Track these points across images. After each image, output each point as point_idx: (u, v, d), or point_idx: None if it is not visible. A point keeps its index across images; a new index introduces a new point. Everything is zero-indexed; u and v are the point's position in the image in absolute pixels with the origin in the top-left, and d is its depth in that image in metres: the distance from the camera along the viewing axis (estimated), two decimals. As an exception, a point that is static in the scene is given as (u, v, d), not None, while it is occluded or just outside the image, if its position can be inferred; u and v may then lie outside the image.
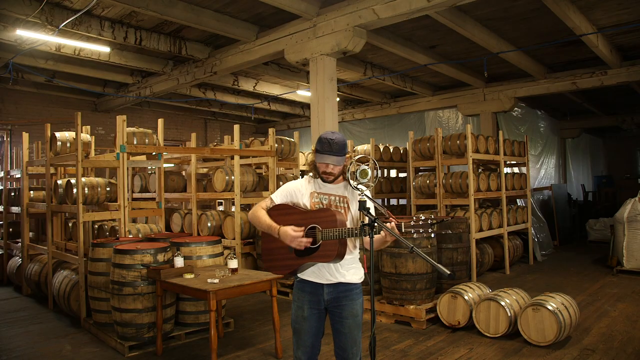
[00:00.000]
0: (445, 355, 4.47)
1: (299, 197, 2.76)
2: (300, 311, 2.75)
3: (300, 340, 2.74)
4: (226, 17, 6.94)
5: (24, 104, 11.06)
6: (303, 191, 2.77)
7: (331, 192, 2.76)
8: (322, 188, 2.76)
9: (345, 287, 2.71)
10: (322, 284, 2.71)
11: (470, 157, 7.40)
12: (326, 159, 2.64)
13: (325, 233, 2.58)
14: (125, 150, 5.73)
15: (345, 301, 2.71)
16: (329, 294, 2.71)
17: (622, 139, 18.26)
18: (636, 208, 7.83)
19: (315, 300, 2.73)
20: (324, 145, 2.64)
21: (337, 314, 2.72)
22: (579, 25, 6.60)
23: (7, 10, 6.01)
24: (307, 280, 2.74)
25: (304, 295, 2.75)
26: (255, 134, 16.22)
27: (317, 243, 2.62)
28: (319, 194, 2.75)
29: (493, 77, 10.06)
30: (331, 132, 2.71)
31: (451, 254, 6.17)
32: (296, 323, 2.77)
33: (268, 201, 2.81)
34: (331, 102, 6.51)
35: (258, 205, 2.81)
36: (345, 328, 2.70)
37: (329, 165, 2.67)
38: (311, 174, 2.82)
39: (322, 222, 2.62)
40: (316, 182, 2.78)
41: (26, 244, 7.09)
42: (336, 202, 2.74)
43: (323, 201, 2.74)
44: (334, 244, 2.59)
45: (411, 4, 5.49)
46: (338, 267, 2.70)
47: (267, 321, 5.60)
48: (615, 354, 4.40)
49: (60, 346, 4.90)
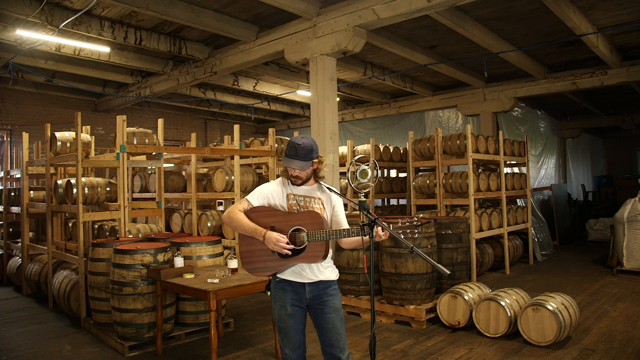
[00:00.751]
0: (445, 355, 4.47)
1: (275, 199, 2.82)
2: (283, 310, 2.79)
3: (287, 337, 2.79)
4: (226, 17, 6.94)
5: (24, 104, 11.06)
6: (279, 193, 2.83)
7: (306, 193, 2.84)
8: (296, 190, 2.84)
9: (325, 285, 2.81)
10: (303, 283, 2.78)
11: (470, 157, 7.40)
12: (291, 163, 2.74)
13: (312, 235, 2.66)
14: (125, 150, 5.73)
15: (326, 297, 2.79)
16: (310, 292, 2.79)
17: (622, 139, 18.27)
18: (636, 208, 7.83)
19: (297, 298, 2.79)
20: (291, 150, 2.75)
21: (320, 310, 2.79)
22: (579, 25, 6.60)
23: (7, 10, 6.01)
24: (288, 279, 2.79)
25: (286, 294, 2.79)
26: (255, 134, 16.22)
27: (304, 244, 2.68)
28: (295, 196, 2.82)
29: (493, 77, 10.06)
30: (301, 137, 2.80)
31: (451, 254, 6.17)
32: (281, 322, 2.81)
33: (245, 203, 2.81)
34: (331, 102, 6.51)
35: (234, 207, 2.80)
36: (329, 323, 2.76)
37: (295, 170, 2.77)
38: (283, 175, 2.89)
39: (307, 223, 2.70)
40: (290, 184, 2.85)
41: (26, 244, 7.09)
42: (311, 203, 2.82)
43: (300, 203, 2.81)
44: (322, 245, 2.69)
45: (411, 4, 5.49)
46: (318, 266, 2.78)
47: (267, 321, 5.60)
48: (615, 354, 4.40)
49: (60, 346, 4.90)
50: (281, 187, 2.85)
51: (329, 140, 6.41)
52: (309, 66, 6.64)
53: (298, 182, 2.81)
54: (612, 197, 15.49)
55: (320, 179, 2.90)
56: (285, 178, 2.87)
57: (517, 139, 9.95)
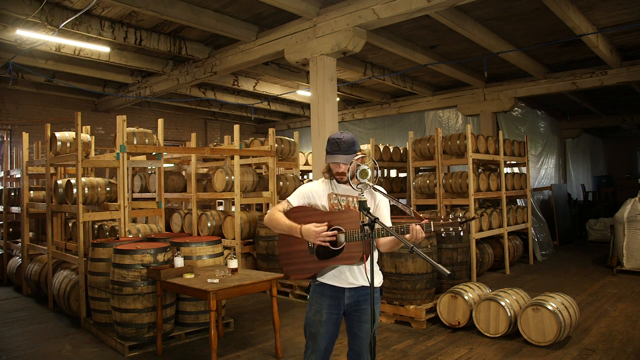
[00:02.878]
0: (445, 355, 4.47)
1: (316, 199, 2.73)
2: (317, 315, 2.68)
3: (315, 344, 2.67)
4: (226, 17, 6.94)
5: (24, 104, 11.05)
6: (320, 192, 2.74)
7: (348, 192, 2.73)
8: (338, 189, 2.74)
9: (365, 291, 2.68)
10: (343, 287, 2.67)
11: (470, 157, 7.40)
12: (336, 158, 2.63)
13: (349, 234, 2.54)
14: (125, 150, 5.73)
15: (365, 305, 2.67)
16: (349, 298, 2.68)
17: (622, 139, 18.26)
18: (636, 208, 7.82)
19: (335, 305, 2.68)
20: (333, 146, 2.65)
21: (356, 318, 2.68)
22: (579, 25, 6.60)
23: (7, 10, 6.01)
24: (328, 284, 2.68)
25: (324, 300, 2.68)
26: (255, 134, 16.22)
27: (341, 245, 2.57)
28: (337, 195, 2.73)
29: (493, 77, 10.06)
30: (340, 133, 2.71)
31: (451, 254, 6.17)
32: (312, 327, 2.69)
33: (285, 204, 2.74)
34: (331, 102, 6.51)
35: (274, 209, 2.74)
36: (363, 332, 2.65)
37: (340, 165, 2.66)
38: (325, 176, 2.80)
39: (345, 223, 2.58)
40: (332, 183, 2.76)
41: (26, 244, 7.09)
42: (354, 202, 2.71)
43: (341, 202, 2.71)
44: (359, 245, 2.55)
45: (411, 4, 5.49)
46: (361, 269, 2.66)
47: (267, 321, 5.60)
48: (615, 354, 4.40)
49: (60, 346, 4.90)
50: (323, 187, 2.76)
51: (329, 140, 6.40)
52: (309, 66, 6.64)
53: (344, 179, 2.68)
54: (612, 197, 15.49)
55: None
56: (328, 178, 2.77)
57: (517, 139, 9.95)
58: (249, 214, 7.64)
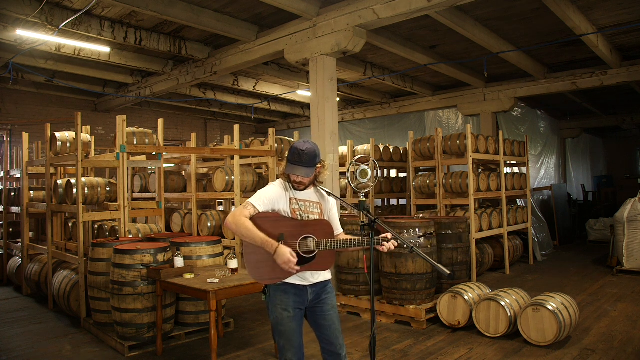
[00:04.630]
0: (445, 355, 4.47)
1: (280, 205, 2.79)
2: (286, 312, 2.75)
3: (290, 341, 2.73)
4: (226, 17, 6.94)
5: (24, 104, 11.05)
6: (283, 197, 2.80)
7: (306, 198, 2.85)
8: (298, 194, 2.84)
9: (323, 284, 2.87)
10: (306, 285, 2.80)
11: (470, 157, 7.40)
12: (296, 170, 2.73)
13: (323, 244, 2.70)
14: (125, 150, 5.73)
15: (324, 295, 2.85)
16: (312, 294, 2.82)
17: (622, 139, 18.26)
18: (636, 208, 7.83)
19: (300, 301, 2.79)
20: (294, 157, 2.73)
21: (319, 309, 2.83)
22: (579, 25, 6.60)
23: (7, 10, 6.01)
24: (291, 283, 2.78)
25: (289, 297, 2.76)
26: (255, 134, 16.22)
27: (313, 253, 2.71)
28: (297, 200, 2.82)
29: (493, 77, 10.06)
30: (303, 142, 2.76)
31: (451, 254, 6.17)
32: (282, 325, 2.74)
33: (250, 208, 2.70)
34: (331, 102, 6.51)
35: (240, 214, 2.66)
36: (328, 320, 2.81)
37: (299, 177, 2.77)
38: (283, 178, 2.86)
39: (318, 232, 2.74)
40: (291, 189, 2.84)
41: (26, 244, 7.09)
42: (311, 208, 2.84)
43: (302, 207, 2.81)
44: (332, 254, 2.77)
45: (411, 4, 5.49)
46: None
47: (267, 321, 5.60)
48: (615, 354, 4.40)
49: (60, 346, 4.90)
50: (284, 192, 2.80)
51: (329, 140, 6.41)
52: (309, 66, 6.64)
53: (301, 188, 2.81)
54: (612, 197, 15.49)
55: (320, 184, 2.91)
56: (286, 181, 2.84)
57: (517, 139, 9.95)
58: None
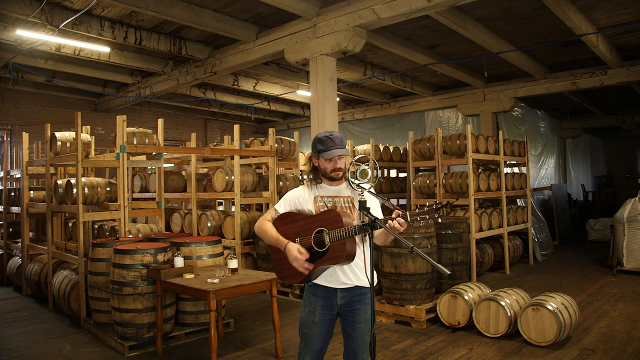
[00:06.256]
0: (445, 355, 4.47)
1: (303, 204, 2.72)
2: (311, 316, 2.68)
3: (309, 345, 2.68)
4: (226, 17, 6.94)
5: (24, 104, 11.05)
6: (306, 197, 2.73)
7: (335, 194, 2.72)
8: (324, 191, 2.73)
9: (359, 291, 2.66)
10: (335, 288, 2.67)
11: (470, 157, 7.40)
12: (335, 152, 2.62)
13: (332, 234, 2.52)
14: (125, 150, 5.73)
15: (359, 305, 2.66)
16: (342, 299, 2.67)
17: (622, 139, 18.25)
18: (636, 208, 7.82)
19: (328, 305, 2.68)
20: (328, 142, 2.64)
21: (350, 319, 2.67)
22: (579, 25, 6.60)
23: (7, 10, 6.01)
24: (320, 284, 2.69)
25: (317, 300, 2.69)
26: (255, 134, 16.22)
27: (326, 246, 2.54)
28: (323, 198, 2.71)
29: (493, 77, 10.06)
30: (324, 132, 2.72)
31: (451, 254, 6.17)
32: (305, 328, 2.70)
33: (273, 212, 2.75)
34: (331, 102, 6.51)
35: (264, 218, 2.75)
36: (357, 333, 2.65)
37: (339, 160, 2.66)
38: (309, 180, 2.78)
39: (328, 224, 2.55)
40: (317, 186, 2.75)
41: (26, 244, 7.09)
42: (341, 203, 2.70)
43: (328, 204, 2.69)
44: (342, 244, 2.52)
45: (411, 4, 5.49)
46: (353, 268, 2.64)
47: (267, 321, 5.60)
48: (615, 354, 4.40)
49: (60, 346, 4.90)
50: (308, 191, 2.75)
51: (329, 140, 6.40)
52: (309, 66, 6.64)
53: (340, 175, 2.68)
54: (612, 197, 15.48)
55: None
56: (311, 181, 2.76)
57: (517, 139, 9.94)
58: (249, 214, 7.64)
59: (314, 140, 2.72)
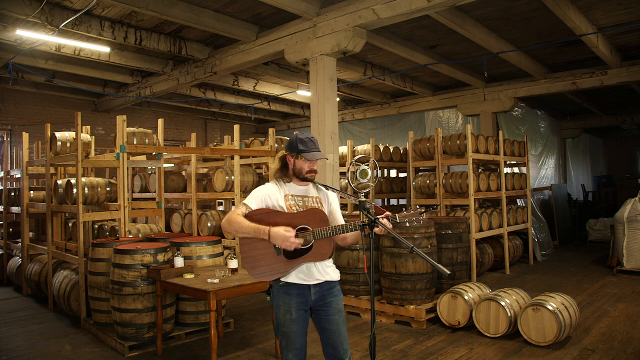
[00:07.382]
0: (445, 355, 4.47)
1: (273, 201, 2.75)
2: (288, 315, 2.72)
3: (290, 343, 2.72)
4: (226, 17, 6.94)
5: (24, 104, 11.05)
6: (277, 194, 2.77)
7: (303, 193, 2.81)
8: (293, 190, 2.81)
9: (329, 285, 2.79)
10: (309, 284, 2.74)
11: (470, 157, 7.40)
12: (317, 155, 2.72)
13: (318, 232, 2.62)
14: (125, 150, 5.73)
15: (330, 297, 2.77)
16: (315, 294, 2.75)
17: (622, 139, 18.25)
18: (636, 208, 7.82)
19: (302, 302, 2.73)
20: (310, 144, 2.72)
21: (324, 312, 2.76)
22: (579, 25, 6.60)
23: (7, 10, 6.01)
24: (294, 282, 2.73)
25: (291, 298, 2.72)
26: (255, 134, 16.22)
27: (310, 243, 2.65)
28: (293, 196, 2.78)
29: (493, 77, 10.06)
30: (302, 133, 2.79)
31: (451, 254, 6.17)
32: (284, 327, 2.73)
33: (243, 208, 2.73)
34: (331, 102, 6.51)
35: (232, 213, 2.71)
36: (333, 325, 2.74)
37: (316, 163, 2.77)
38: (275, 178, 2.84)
39: (311, 222, 2.67)
40: (286, 185, 2.82)
41: (26, 244, 7.09)
42: (311, 202, 2.80)
43: (298, 203, 2.77)
44: (329, 242, 2.66)
45: (411, 4, 5.49)
46: (323, 266, 2.76)
47: (267, 321, 5.60)
48: (615, 354, 4.40)
49: (60, 346, 4.90)
50: (278, 188, 2.79)
51: (329, 140, 6.41)
52: (309, 66, 6.64)
53: (314, 177, 2.79)
54: (612, 197, 15.48)
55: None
56: (279, 179, 2.82)
57: (517, 139, 9.94)
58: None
59: (293, 139, 2.78)
